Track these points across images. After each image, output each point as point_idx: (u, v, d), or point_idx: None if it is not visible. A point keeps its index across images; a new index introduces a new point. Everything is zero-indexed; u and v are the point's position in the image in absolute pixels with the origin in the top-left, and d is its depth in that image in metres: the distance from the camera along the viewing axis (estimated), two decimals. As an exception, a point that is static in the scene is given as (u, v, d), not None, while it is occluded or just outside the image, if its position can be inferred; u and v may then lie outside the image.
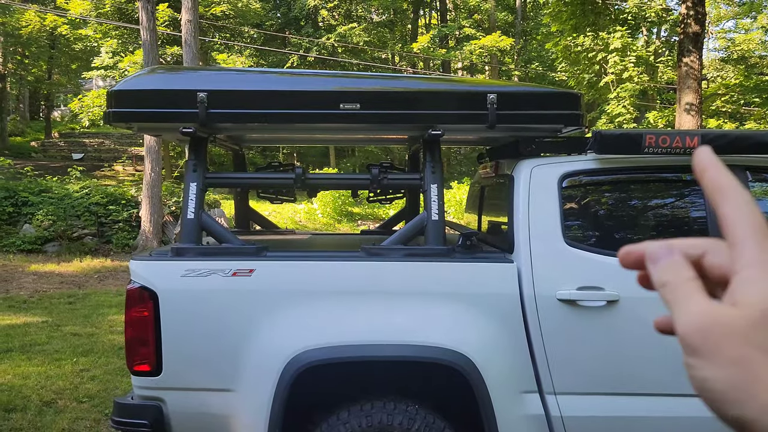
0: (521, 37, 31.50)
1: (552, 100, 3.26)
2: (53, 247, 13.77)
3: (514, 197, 3.03)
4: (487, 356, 2.78)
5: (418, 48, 27.92)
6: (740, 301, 0.42)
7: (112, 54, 23.11)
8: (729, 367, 0.41)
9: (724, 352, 0.41)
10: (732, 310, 0.42)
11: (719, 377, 0.41)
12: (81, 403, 4.91)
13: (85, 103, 22.38)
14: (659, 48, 25.36)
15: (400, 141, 4.68)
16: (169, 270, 2.88)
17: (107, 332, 7.28)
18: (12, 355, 6.20)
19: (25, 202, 14.33)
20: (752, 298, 0.42)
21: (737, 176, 2.99)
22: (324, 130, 3.70)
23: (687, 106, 11.83)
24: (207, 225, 3.09)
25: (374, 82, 3.66)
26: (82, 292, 9.88)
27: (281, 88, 3.28)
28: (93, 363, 6.00)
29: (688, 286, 0.45)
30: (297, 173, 3.26)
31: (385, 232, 4.55)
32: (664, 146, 2.91)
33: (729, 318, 0.42)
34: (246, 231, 4.45)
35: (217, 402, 2.84)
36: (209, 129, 3.20)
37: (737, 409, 0.40)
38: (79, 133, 29.32)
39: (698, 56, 11.92)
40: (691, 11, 11.78)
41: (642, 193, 3.32)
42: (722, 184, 0.46)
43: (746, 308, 0.41)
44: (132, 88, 3.15)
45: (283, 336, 2.79)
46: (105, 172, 22.39)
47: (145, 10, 13.88)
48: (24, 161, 21.44)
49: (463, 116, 3.13)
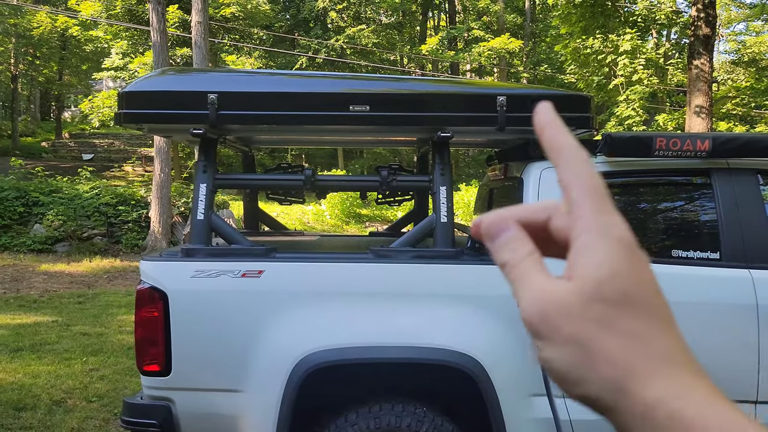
0: (530, 39, 31.46)
1: (562, 102, 3.25)
2: (63, 247, 13.85)
3: (523, 200, 3.02)
4: (496, 359, 2.77)
5: (426, 50, 27.91)
6: (576, 274, 0.39)
7: (122, 55, 23.26)
8: (567, 347, 0.39)
9: (562, 332, 0.39)
10: (567, 285, 0.39)
11: (559, 357, 0.39)
12: (90, 403, 4.94)
13: (95, 104, 22.52)
14: (669, 50, 25.25)
15: (409, 143, 4.68)
16: (179, 270, 2.89)
17: (116, 332, 7.31)
18: (22, 354, 6.23)
19: (36, 202, 14.43)
20: (586, 269, 0.39)
21: (748, 179, 2.99)
22: (333, 132, 3.71)
23: (697, 109, 11.77)
24: (216, 226, 3.10)
25: (384, 84, 3.67)
26: (92, 292, 9.93)
27: (291, 89, 3.28)
28: (102, 363, 6.03)
29: (526, 263, 0.42)
30: (306, 174, 3.27)
31: (393, 233, 4.55)
32: (674, 149, 2.90)
33: (564, 295, 0.39)
34: (255, 232, 4.46)
35: (226, 402, 2.84)
36: (219, 130, 3.21)
37: (580, 388, 0.39)
38: (90, 134, 29.51)
39: (709, 59, 11.86)
40: (702, 13, 11.73)
41: (652, 196, 3.30)
42: (559, 143, 0.43)
43: (581, 281, 0.39)
44: (143, 90, 3.17)
45: (292, 337, 2.79)
46: (115, 173, 22.51)
47: (156, 11, 13.96)
48: (35, 161, 21.59)
49: (472, 118, 3.13)
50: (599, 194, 0.41)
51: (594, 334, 0.38)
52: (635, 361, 0.38)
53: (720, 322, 2.86)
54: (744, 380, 2.83)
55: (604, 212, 0.40)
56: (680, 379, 0.37)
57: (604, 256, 0.39)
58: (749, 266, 2.87)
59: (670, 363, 0.38)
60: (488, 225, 0.44)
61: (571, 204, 0.41)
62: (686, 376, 0.38)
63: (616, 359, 0.38)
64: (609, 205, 0.41)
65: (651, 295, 0.40)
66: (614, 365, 0.38)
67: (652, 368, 0.37)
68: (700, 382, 0.38)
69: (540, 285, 0.40)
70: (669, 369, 0.38)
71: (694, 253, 2.95)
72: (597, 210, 0.40)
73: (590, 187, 0.41)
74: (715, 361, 2.85)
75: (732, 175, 3.01)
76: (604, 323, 0.38)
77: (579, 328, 0.38)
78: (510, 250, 0.43)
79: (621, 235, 0.40)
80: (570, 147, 0.42)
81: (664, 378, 0.37)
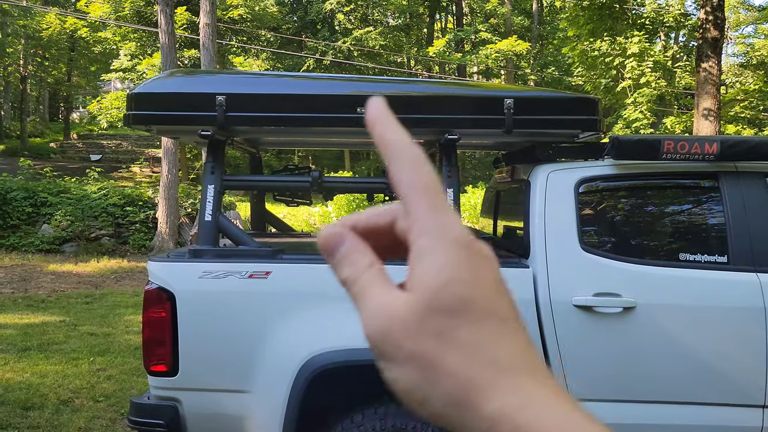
0: (537, 41, 31.42)
1: (569, 105, 3.25)
2: (71, 248, 13.92)
3: (530, 202, 3.02)
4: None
5: (433, 52, 27.92)
6: (414, 283, 0.37)
7: (130, 57, 23.37)
8: (408, 365, 0.36)
9: (404, 350, 0.36)
10: (407, 298, 0.37)
11: (403, 377, 0.37)
12: (97, 403, 4.96)
13: (103, 105, 22.64)
14: (677, 53, 25.17)
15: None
16: (186, 271, 2.90)
17: (123, 332, 7.34)
18: (30, 354, 6.27)
19: (44, 202, 14.51)
20: (424, 277, 0.36)
21: (756, 183, 2.98)
22: (340, 134, 3.72)
23: (705, 112, 11.72)
24: (224, 227, 3.11)
25: (391, 86, 3.68)
26: (99, 292, 9.98)
27: (298, 91, 3.30)
28: (109, 363, 6.05)
29: (366, 277, 0.39)
30: (314, 176, 3.27)
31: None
32: (682, 152, 2.89)
33: (403, 310, 0.36)
34: (262, 233, 4.47)
35: (233, 403, 2.85)
36: (227, 132, 3.22)
37: (426, 407, 0.37)
38: (98, 135, 29.65)
39: (717, 61, 11.82)
40: (710, 16, 11.69)
41: (659, 199, 3.29)
42: (389, 140, 0.40)
43: (419, 291, 0.36)
44: (152, 91, 3.19)
45: (299, 338, 2.80)
46: (122, 174, 22.61)
47: (164, 13, 14.01)
48: (43, 162, 21.70)
49: (480, 121, 3.13)
50: (432, 192, 0.38)
51: (435, 349, 0.36)
52: (475, 374, 0.35)
53: (727, 325, 2.85)
54: (751, 384, 2.82)
55: (439, 211, 0.38)
56: (521, 388, 0.35)
57: (442, 261, 0.37)
58: (757, 270, 2.86)
59: (511, 371, 0.36)
60: (324, 240, 0.41)
61: (405, 204, 0.39)
62: (527, 384, 0.36)
63: (456, 373, 0.36)
64: (443, 202, 0.38)
65: (491, 296, 0.37)
66: (455, 380, 0.36)
67: (491, 379, 0.35)
68: (541, 389, 0.36)
69: (380, 300, 0.38)
70: (509, 378, 0.36)
71: (702, 256, 2.94)
72: (431, 209, 0.38)
73: (423, 186, 0.38)
74: (722, 366, 2.84)
75: (740, 178, 3.00)
76: (443, 336, 0.36)
77: (420, 345, 0.36)
78: (348, 265, 0.40)
79: (457, 234, 0.37)
80: (400, 144, 0.40)
81: (505, 388, 0.35)
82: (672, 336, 2.82)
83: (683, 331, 2.84)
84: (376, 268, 0.39)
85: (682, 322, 2.84)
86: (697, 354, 2.83)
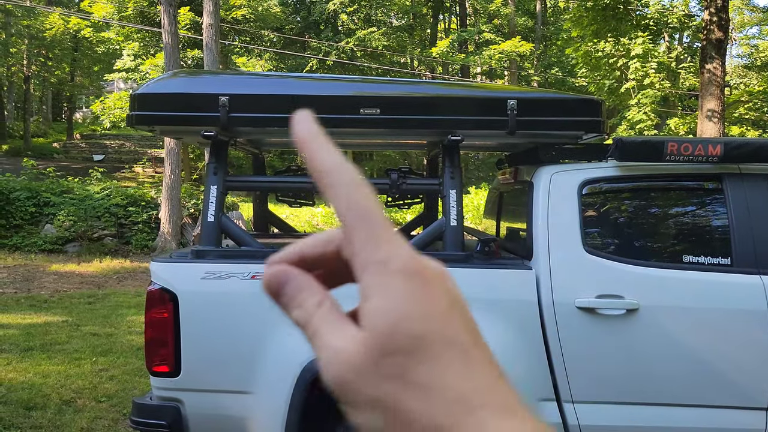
0: (541, 42, 31.39)
1: (572, 106, 3.25)
2: (74, 248, 13.94)
3: (533, 204, 3.02)
4: (505, 363, 2.75)
5: (437, 53, 27.91)
6: (366, 324, 0.35)
7: (133, 57, 23.40)
8: (371, 411, 0.34)
9: (363, 396, 0.34)
10: (361, 340, 0.35)
11: (367, 423, 0.35)
12: (100, 403, 4.96)
13: (106, 105, 22.67)
14: (681, 54, 25.13)
15: (419, 146, 4.67)
16: (189, 272, 2.90)
17: (126, 332, 7.34)
18: (33, 354, 6.27)
19: (47, 202, 14.53)
20: (373, 319, 0.34)
21: (760, 185, 2.97)
22: (343, 135, 3.71)
23: (709, 113, 11.70)
24: (227, 228, 3.11)
25: (394, 87, 3.67)
26: (102, 293, 9.99)
27: (302, 92, 3.30)
28: (112, 363, 6.05)
29: (317, 318, 0.37)
30: (316, 177, 3.27)
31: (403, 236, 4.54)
32: (686, 154, 2.89)
33: (357, 354, 0.34)
34: (264, 234, 4.47)
35: (235, 404, 2.85)
36: (230, 132, 3.22)
37: None
38: (100, 135, 29.69)
39: (721, 63, 11.80)
40: (714, 17, 11.67)
41: (663, 201, 3.28)
42: (323, 163, 0.36)
43: (371, 333, 0.34)
44: (155, 92, 3.19)
45: (301, 340, 2.78)
46: (125, 174, 22.64)
47: (167, 13, 14.03)
48: (46, 162, 21.74)
49: (483, 122, 3.13)
50: (372, 221, 0.36)
51: (395, 393, 0.34)
52: (439, 416, 0.33)
53: (731, 327, 2.84)
54: (755, 387, 2.81)
55: (379, 241, 0.35)
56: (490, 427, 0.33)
57: (389, 299, 0.34)
58: (761, 272, 2.85)
59: (480, 409, 0.33)
60: (267, 281, 0.38)
61: (346, 233, 0.36)
62: (491, 420, 0.33)
63: (420, 418, 0.33)
64: (384, 229, 0.36)
65: (446, 325, 0.35)
66: (420, 425, 0.33)
67: (458, 420, 0.33)
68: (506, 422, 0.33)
69: (334, 344, 0.35)
70: (473, 417, 0.33)
71: (705, 258, 2.94)
72: (370, 240, 0.35)
73: (361, 214, 0.36)
74: (726, 368, 2.83)
75: (744, 180, 2.99)
76: (402, 379, 0.34)
77: (379, 390, 0.34)
78: (296, 307, 0.38)
79: (400, 265, 0.35)
80: (335, 167, 0.36)
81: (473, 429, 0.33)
82: (675, 338, 2.81)
83: (686, 333, 2.83)
84: (326, 307, 0.37)
85: (685, 324, 2.83)
86: (700, 356, 2.82)
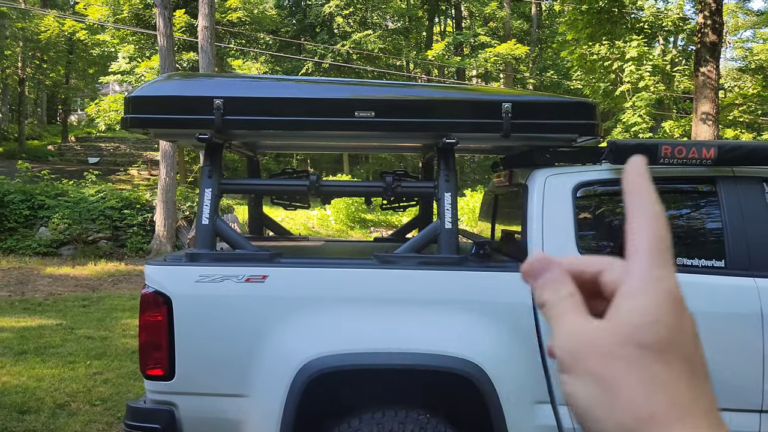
0: (536, 45, 31.46)
1: (567, 109, 3.25)
2: (68, 251, 13.90)
3: (528, 206, 3.02)
4: (499, 366, 2.76)
5: (432, 55, 27.96)
6: (615, 317, 0.41)
7: (129, 59, 23.38)
8: (592, 384, 0.40)
9: (590, 369, 0.40)
10: (604, 326, 0.41)
11: (583, 393, 0.40)
12: (94, 406, 4.94)
13: (101, 108, 22.63)
14: (676, 57, 25.23)
15: (414, 149, 4.68)
16: (183, 275, 2.90)
17: (120, 336, 7.32)
18: (27, 357, 6.25)
19: (42, 205, 14.48)
20: (627, 313, 0.40)
21: (754, 188, 2.97)
22: (338, 138, 3.71)
23: (703, 116, 11.74)
24: (221, 231, 3.11)
25: (389, 90, 3.67)
26: (96, 296, 9.96)
27: (297, 95, 3.29)
28: (106, 366, 6.03)
29: (565, 303, 0.43)
30: (311, 180, 3.27)
31: (398, 239, 4.55)
32: (680, 157, 2.89)
33: (598, 335, 0.40)
34: (259, 237, 4.47)
35: (230, 407, 2.84)
36: (225, 135, 3.22)
37: (598, 425, 0.39)
38: (96, 138, 29.64)
39: (715, 66, 11.84)
40: (709, 20, 11.72)
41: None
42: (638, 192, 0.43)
43: (618, 324, 0.40)
44: (149, 95, 3.18)
45: (296, 342, 2.79)
46: (120, 177, 22.58)
47: (162, 16, 14.02)
48: (41, 164, 21.68)
49: (477, 125, 3.13)
50: (661, 250, 0.42)
51: (620, 373, 0.39)
52: (657, 408, 0.38)
53: (724, 330, 2.85)
54: (749, 389, 2.82)
55: (660, 267, 0.41)
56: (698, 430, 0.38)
57: (651, 302, 0.40)
58: (754, 275, 2.86)
59: (691, 413, 0.38)
60: (530, 264, 0.46)
61: (630, 253, 0.42)
62: (704, 428, 0.38)
63: (637, 402, 0.38)
64: (668, 261, 0.42)
65: (688, 345, 0.41)
66: (635, 408, 0.38)
67: (673, 417, 0.38)
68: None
69: (575, 322, 0.42)
70: (689, 419, 0.38)
71: (699, 261, 2.94)
72: (653, 264, 0.41)
73: (653, 244, 0.42)
74: (720, 371, 2.83)
75: (737, 183, 3.00)
76: (633, 365, 0.39)
77: (608, 369, 0.39)
78: (550, 291, 0.44)
79: (671, 288, 0.41)
80: (646, 199, 0.43)
81: (683, 428, 0.38)
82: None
83: (681, 335, 2.83)
84: (575, 299, 0.44)
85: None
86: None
